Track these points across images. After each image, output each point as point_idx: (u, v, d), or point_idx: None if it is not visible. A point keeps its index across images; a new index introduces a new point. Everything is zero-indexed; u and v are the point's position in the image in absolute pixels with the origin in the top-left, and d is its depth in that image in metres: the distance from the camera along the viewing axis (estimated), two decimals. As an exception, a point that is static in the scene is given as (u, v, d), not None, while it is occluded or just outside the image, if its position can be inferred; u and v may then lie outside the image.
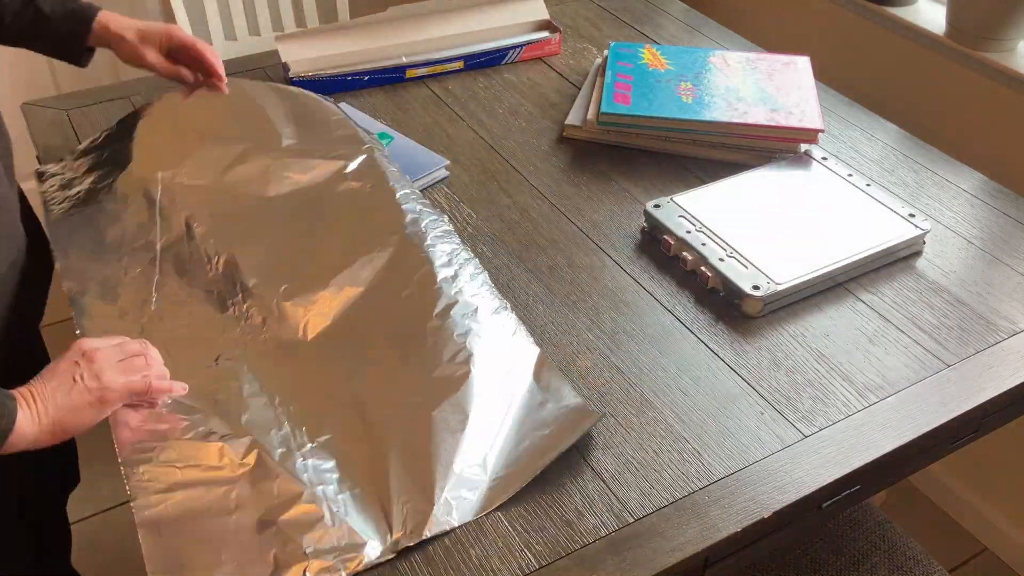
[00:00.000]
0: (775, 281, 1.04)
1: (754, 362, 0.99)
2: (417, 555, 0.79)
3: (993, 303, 1.07)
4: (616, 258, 1.13)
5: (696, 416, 0.93)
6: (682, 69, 1.37)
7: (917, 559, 1.22)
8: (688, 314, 1.05)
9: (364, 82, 1.43)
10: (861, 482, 0.91)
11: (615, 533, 0.82)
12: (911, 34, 1.62)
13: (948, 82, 1.60)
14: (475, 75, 1.49)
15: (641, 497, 0.85)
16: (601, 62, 1.45)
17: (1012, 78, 1.48)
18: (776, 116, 1.26)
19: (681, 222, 1.13)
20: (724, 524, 0.83)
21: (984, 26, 1.49)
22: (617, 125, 1.30)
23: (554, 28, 1.55)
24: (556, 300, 1.06)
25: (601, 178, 1.26)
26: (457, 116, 1.39)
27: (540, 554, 0.80)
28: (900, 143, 1.34)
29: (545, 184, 1.25)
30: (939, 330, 1.03)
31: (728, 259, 1.07)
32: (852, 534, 1.25)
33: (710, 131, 1.26)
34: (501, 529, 0.82)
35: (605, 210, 1.20)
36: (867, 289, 1.09)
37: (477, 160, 1.29)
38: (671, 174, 1.27)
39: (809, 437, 0.91)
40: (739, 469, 0.88)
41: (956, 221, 1.20)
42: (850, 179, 1.21)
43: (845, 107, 1.42)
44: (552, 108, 1.41)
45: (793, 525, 0.89)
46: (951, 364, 0.99)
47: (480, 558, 0.79)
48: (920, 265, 1.13)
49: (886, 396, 0.95)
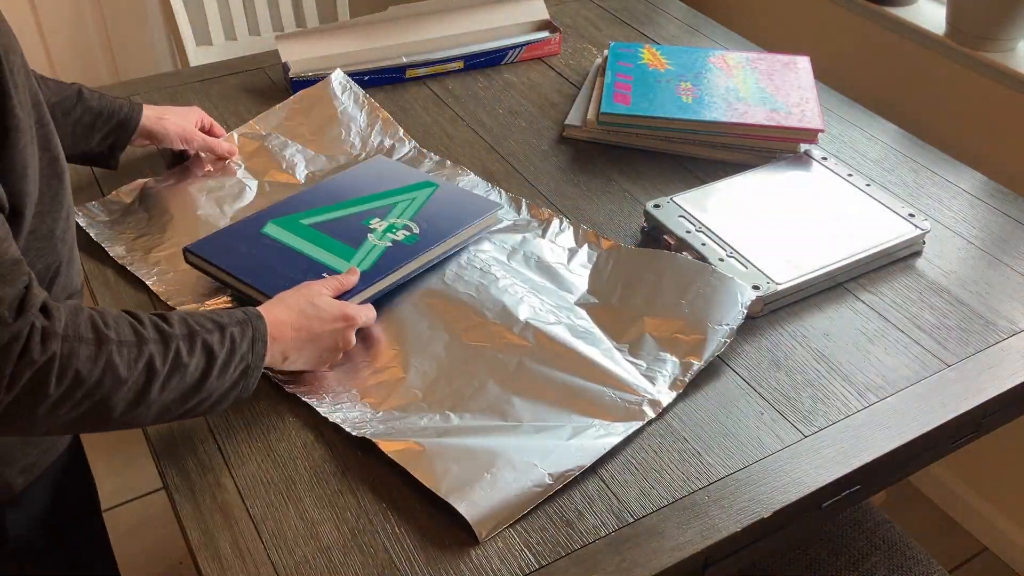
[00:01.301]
0: (775, 281, 1.04)
1: (754, 362, 0.99)
2: (417, 555, 0.80)
3: (993, 303, 1.07)
4: (616, 258, 1.13)
5: (696, 416, 0.93)
6: (682, 69, 1.37)
7: (917, 559, 1.22)
8: (688, 314, 1.05)
9: (364, 82, 1.43)
10: (861, 482, 0.91)
11: (615, 533, 0.82)
12: (911, 34, 1.62)
13: (948, 82, 1.60)
14: (475, 75, 1.49)
15: (641, 497, 0.85)
16: (601, 62, 1.45)
17: (1012, 78, 1.48)
18: (776, 116, 1.26)
19: (681, 222, 1.13)
20: (724, 524, 0.83)
21: (984, 26, 1.49)
22: (617, 125, 1.30)
23: (554, 28, 1.55)
24: (556, 300, 1.06)
25: (601, 178, 1.26)
26: (457, 116, 1.39)
27: (540, 554, 0.80)
28: (900, 143, 1.34)
29: (545, 184, 1.25)
30: (939, 330, 1.03)
31: (728, 259, 1.07)
32: (852, 534, 1.25)
33: (710, 131, 1.26)
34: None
35: (605, 210, 1.20)
36: (867, 289, 1.09)
37: (477, 160, 1.29)
38: (671, 174, 1.27)
39: (809, 437, 0.91)
40: (739, 469, 0.88)
41: (956, 221, 1.20)
42: (850, 179, 1.21)
43: (845, 107, 1.42)
44: (552, 108, 1.41)
45: (793, 525, 0.89)
46: (951, 364, 0.99)
47: (480, 558, 0.79)
48: (920, 265, 1.13)
49: (886, 396, 0.95)
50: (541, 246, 1.11)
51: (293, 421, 0.92)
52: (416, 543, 0.81)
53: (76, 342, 0.71)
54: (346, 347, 0.94)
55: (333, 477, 0.86)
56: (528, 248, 1.11)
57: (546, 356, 0.96)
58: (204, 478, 0.86)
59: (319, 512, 0.83)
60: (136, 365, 0.74)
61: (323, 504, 0.84)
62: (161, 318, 0.79)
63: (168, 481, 0.86)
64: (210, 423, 0.91)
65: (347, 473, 0.87)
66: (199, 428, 0.91)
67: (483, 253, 1.09)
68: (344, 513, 0.83)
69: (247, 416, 0.92)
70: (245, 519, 0.83)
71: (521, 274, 1.07)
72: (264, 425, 0.91)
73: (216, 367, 0.80)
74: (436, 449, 0.85)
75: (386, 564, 0.79)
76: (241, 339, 0.82)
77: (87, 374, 0.71)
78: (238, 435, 0.90)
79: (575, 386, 0.93)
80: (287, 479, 0.86)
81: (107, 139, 1.13)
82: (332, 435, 0.90)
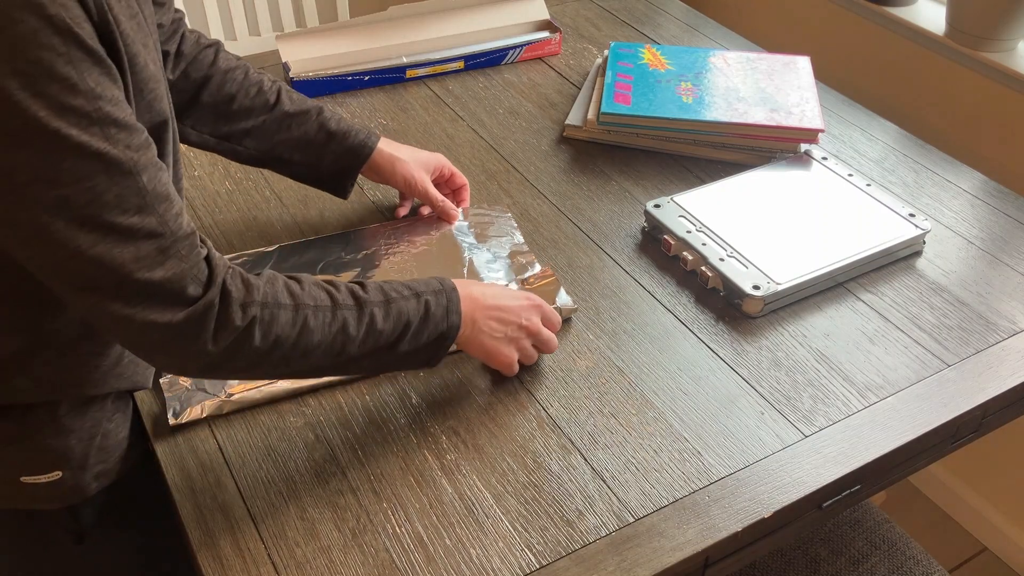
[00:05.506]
0: (775, 281, 1.04)
1: (754, 362, 0.99)
2: (418, 555, 0.80)
3: (993, 303, 1.07)
4: (616, 258, 1.13)
5: (696, 416, 0.93)
6: (682, 69, 1.37)
7: (917, 559, 1.22)
8: (688, 314, 1.05)
9: (364, 82, 1.43)
10: (861, 482, 0.91)
11: (615, 533, 0.82)
12: (911, 34, 1.62)
13: (948, 82, 1.60)
14: (475, 75, 1.49)
15: (641, 497, 0.85)
16: (601, 62, 1.45)
17: (1012, 78, 1.48)
18: (776, 116, 1.26)
19: (681, 222, 1.13)
20: (724, 524, 0.83)
21: (984, 26, 1.49)
22: (617, 125, 1.30)
23: (554, 28, 1.55)
24: (556, 300, 1.06)
25: (601, 178, 1.26)
26: (457, 116, 1.39)
27: (540, 554, 0.80)
28: (900, 143, 1.34)
29: (545, 184, 1.25)
30: (939, 330, 1.03)
31: (728, 259, 1.07)
32: (852, 534, 1.25)
33: (710, 131, 1.26)
34: (501, 529, 0.82)
35: (605, 210, 1.20)
36: (867, 289, 1.09)
37: (477, 160, 1.29)
38: (671, 174, 1.27)
39: (809, 437, 0.91)
40: (739, 469, 0.88)
41: (956, 221, 1.20)
42: (850, 179, 1.21)
43: (845, 107, 1.42)
44: (552, 108, 1.41)
45: (793, 525, 0.89)
46: (951, 364, 0.99)
47: (480, 558, 0.79)
48: (920, 265, 1.13)
49: (886, 396, 0.95)
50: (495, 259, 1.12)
51: (293, 421, 0.92)
52: (416, 543, 0.81)
53: (275, 308, 0.76)
54: (533, 332, 0.94)
55: (333, 477, 0.86)
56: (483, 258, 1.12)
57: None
58: (204, 478, 0.86)
59: (319, 512, 0.83)
60: (331, 328, 0.79)
61: (323, 504, 0.84)
62: (358, 285, 0.83)
63: (169, 481, 0.86)
64: (210, 423, 0.91)
65: (347, 473, 0.87)
66: (200, 428, 0.91)
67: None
68: (344, 513, 0.83)
69: (247, 416, 0.92)
70: (245, 519, 0.83)
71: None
72: (264, 425, 0.91)
73: (410, 333, 0.84)
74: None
75: (386, 564, 0.79)
76: (436, 307, 0.86)
77: (285, 337, 0.76)
78: (238, 435, 0.90)
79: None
80: (287, 479, 0.86)
81: (337, 162, 1.09)
82: (332, 435, 0.90)
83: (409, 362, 0.87)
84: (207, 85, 1.03)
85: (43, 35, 0.60)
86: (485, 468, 0.87)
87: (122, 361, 0.87)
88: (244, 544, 0.81)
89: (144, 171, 0.68)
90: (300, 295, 0.78)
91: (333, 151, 1.08)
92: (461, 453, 0.89)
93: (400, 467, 0.87)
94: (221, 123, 1.05)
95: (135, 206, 0.67)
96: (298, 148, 1.07)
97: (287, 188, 1.23)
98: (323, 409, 0.93)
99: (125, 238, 0.67)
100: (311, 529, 0.82)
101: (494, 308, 0.92)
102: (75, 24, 0.62)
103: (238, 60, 1.07)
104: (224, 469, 0.87)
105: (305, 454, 0.89)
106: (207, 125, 1.05)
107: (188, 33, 1.04)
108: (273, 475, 0.87)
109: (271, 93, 1.06)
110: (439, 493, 0.85)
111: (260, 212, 1.18)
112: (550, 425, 0.92)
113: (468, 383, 0.96)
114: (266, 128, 1.06)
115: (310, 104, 1.08)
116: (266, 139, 1.06)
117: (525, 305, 0.94)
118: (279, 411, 0.93)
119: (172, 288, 0.70)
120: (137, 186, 0.67)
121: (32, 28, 0.60)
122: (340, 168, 1.10)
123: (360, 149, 1.09)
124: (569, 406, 0.94)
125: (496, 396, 0.95)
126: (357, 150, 1.09)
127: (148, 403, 0.94)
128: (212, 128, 1.05)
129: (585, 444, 0.90)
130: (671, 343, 1.01)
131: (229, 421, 0.92)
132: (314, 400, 0.94)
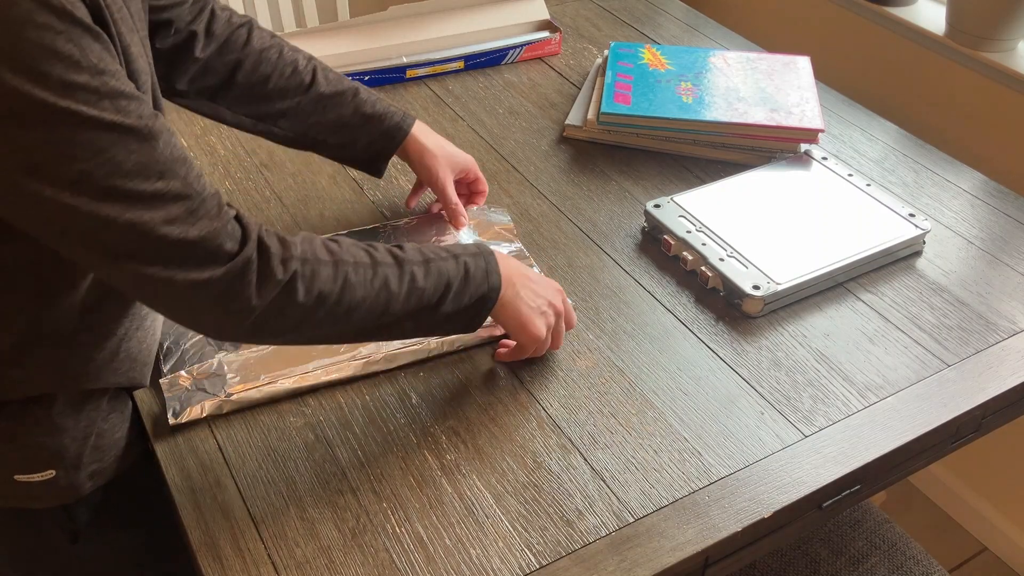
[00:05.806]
0: (775, 281, 1.04)
1: (754, 362, 0.99)
2: (418, 555, 0.80)
3: (993, 303, 1.07)
4: (616, 258, 1.13)
5: (696, 416, 0.93)
6: (682, 69, 1.37)
7: (917, 559, 1.22)
8: (688, 314, 1.05)
9: (364, 82, 1.43)
10: (861, 482, 0.91)
11: (615, 533, 0.82)
12: (911, 34, 1.62)
13: (948, 82, 1.60)
14: (475, 75, 1.49)
15: (641, 497, 0.85)
16: (601, 62, 1.45)
17: (1012, 78, 1.48)
18: (776, 116, 1.26)
19: (681, 222, 1.13)
20: (724, 524, 0.83)
21: (984, 26, 1.49)
22: (617, 125, 1.30)
23: (554, 28, 1.55)
24: (556, 300, 1.06)
25: (601, 178, 1.26)
26: (457, 116, 1.39)
27: (540, 554, 0.80)
28: (900, 143, 1.34)
29: (545, 184, 1.25)
30: (939, 330, 1.03)
31: (728, 259, 1.07)
32: (852, 534, 1.25)
33: (710, 131, 1.26)
34: (501, 529, 0.82)
35: (605, 210, 1.20)
36: (867, 289, 1.09)
37: (477, 160, 1.29)
38: (671, 174, 1.27)
39: (809, 437, 0.91)
40: (739, 469, 0.88)
41: (956, 221, 1.20)
42: (850, 179, 1.21)
43: (845, 107, 1.42)
44: (552, 108, 1.41)
45: (793, 525, 0.89)
46: (951, 364, 0.99)
47: (480, 558, 0.79)
48: (920, 265, 1.13)
49: (886, 396, 0.95)
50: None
51: (293, 421, 0.92)
52: (416, 543, 0.81)
53: (316, 263, 0.77)
54: (559, 314, 0.95)
55: (333, 477, 0.86)
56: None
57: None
58: (204, 478, 0.86)
59: (319, 512, 0.83)
60: (372, 284, 0.80)
61: (323, 504, 0.84)
62: (395, 246, 0.84)
63: (169, 481, 0.86)
64: (210, 423, 0.91)
65: (347, 473, 0.87)
66: (199, 428, 0.91)
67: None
68: (344, 513, 0.83)
69: (247, 416, 0.92)
70: (245, 519, 0.83)
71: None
72: (264, 425, 0.91)
73: (451, 293, 0.85)
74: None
75: (386, 564, 0.79)
76: (475, 269, 0.86)
77: (328, 292, 0.77)
78: (238, 435, 0.90)
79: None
80: (287, 479, 0.86)
81: (372, 146, 1.09)
82: (332, 435, 0.90)
83: (451, 325, 0.87)
84: (241, 66, 1.03)
85: (38, 15, 0.60)
86: (485, 468, 0.87)
87: (119, 355, 0.87)
88: (244, 544, 0.81)
89: (159, 136, 0.68)
90: (339, 252, 0.79)
91: (368, 134, 1.08)
92: (461, 453, 0.89)
93: (400, 467, 0.87)
94: (256, 104, 1.04)
95: (156, 172, 0.68)
96: (333, 131, 1.07)
97: (287, 188, 1.23)
98: (323, 409, 0.93)
99: (153, 203, 0.68)
100: (311, 529, 0.82)
101: (529, 279, 0.93)
102: (69, 3, 0.62)
103: (272, 38, 1.06)
104: (224, 469, 0.87)
105: (305, 454, 0.89)
106: (242, 106, 1.04)
107: (219, 12, 1.04)
108: (273, 475, 0.87)
109: (306, 73, 1.06)
110: (439, 493, 0.85)
111: (260, 212, 1.19)
112: (550, 425, 0.92)
113: (468, 383, 0.96)
114: (301, 110, 1.05)
115: (346, 84, 1.08)
116: (301, 121, 1.06)
117: (554, 286, 0.96)
118: (279, 411, 0.93)
119: (208, 246, 0.71)
120: (155, 152, 0.68)
121: (26, 9, 0.60)
122: (374, 151, 1.11)
123: (395, 132, 1.09)
124: (569, 406, 0.94)
125: (496, 396, 0.95)
126: (392, 133, 1.09)
127: (148, 403, 0.94)
128: (247, 109, 1.05)
129: (585, 444, 0.90)
130: (671, 343, 1.01)
131: (229, 421, 0.92)
132: (314, 400, 0.94)
